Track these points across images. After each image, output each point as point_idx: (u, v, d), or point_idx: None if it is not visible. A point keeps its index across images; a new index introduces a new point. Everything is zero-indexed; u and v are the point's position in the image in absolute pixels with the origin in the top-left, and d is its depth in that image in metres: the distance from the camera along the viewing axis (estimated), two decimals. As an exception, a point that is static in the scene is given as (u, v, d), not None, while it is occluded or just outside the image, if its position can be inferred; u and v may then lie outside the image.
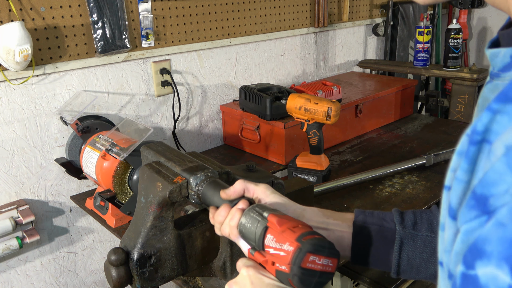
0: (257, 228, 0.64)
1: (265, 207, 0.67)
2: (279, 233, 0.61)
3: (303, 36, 2.25)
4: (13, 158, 1.44)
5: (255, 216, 0.65)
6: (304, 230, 0.61)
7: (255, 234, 0.64)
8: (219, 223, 0.71)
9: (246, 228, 0.66)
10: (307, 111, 1.45)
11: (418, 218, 0.75)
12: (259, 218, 0.65)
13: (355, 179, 1.49)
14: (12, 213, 1.39)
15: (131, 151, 1.22)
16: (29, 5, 1.37)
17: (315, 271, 0.59)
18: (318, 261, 0.59)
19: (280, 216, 0.64)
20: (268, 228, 0.63)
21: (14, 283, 1.53)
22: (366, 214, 0.77)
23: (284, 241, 0.60)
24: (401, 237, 0.73)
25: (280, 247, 0.60)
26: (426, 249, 0.72)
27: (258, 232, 0.64)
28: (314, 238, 0.59)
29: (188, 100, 1.85)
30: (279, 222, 0.62)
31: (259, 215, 0.65)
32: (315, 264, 0.59)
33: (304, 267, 0.58)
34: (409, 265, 0.73)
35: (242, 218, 0.67)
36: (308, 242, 0.58)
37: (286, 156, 1.68)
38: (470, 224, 0.36)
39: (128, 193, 1.30)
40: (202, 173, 0.83)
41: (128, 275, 0.83)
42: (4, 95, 1.39)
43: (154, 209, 0.83)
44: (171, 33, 1.72)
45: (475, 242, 0.35)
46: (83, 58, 1.51)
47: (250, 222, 0.65)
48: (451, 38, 2.12)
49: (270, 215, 0.64)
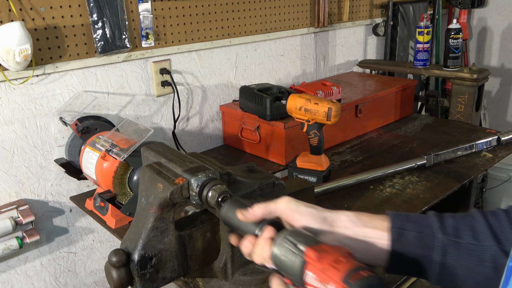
0: (294, 264, 0.58)
1: (297, 234, 0.61)
2: (321, 272, 0.55)
3: (303, 36, 2.24)
4: (13, 158, 1.44)
5: (290, 248, 0.59)
6: (348, 266, 0.54)
7: (292, 269, 0.58)
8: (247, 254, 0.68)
9: (281, 261, 0.60)
10: (307, 112, 1.45)
11: (459, 224, 0.69)
12: (295, 251, 0.59)
13: (356, 180, 1.49)
14: (12, 213, 1.39)
15: (131, 151, 1.21)
16: (29, 5, 1.36)
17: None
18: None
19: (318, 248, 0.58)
20: (307, 264, 0.57)
21: (14, 283, 1.52)
22: (402, 219, 0.71)
23: (327, 281, 0.54)
24: (444, 245, 0.67)
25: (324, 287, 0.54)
26: (472, 258, 0.66)
27: (295, 268, 0.58)
28: (362, 277, 0.53)
29: (188, 100, 1.84)
30: (318, 257, 0.56)
31: (293, 247, 0.59)
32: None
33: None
34: (452, 275, 0.68)
35: (274, 249, 0.62)
36: (357, 284, 0.52)
37: (286, 157, 1.68)
38: None
39: (128, 194, 1.30)
40: (203, 174, 0.82)
41: (129, 276, 0.83)
42: (4, 95, 1.39)
43: (155, 210, 0.83)
44: (171, 33, 1.72)
45: None
46: (83, 58, 1.51)
47: (285, 255, 0.60)
48: (451, 38, 2.12)
49: (307, 248, 0.58)
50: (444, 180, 1.52)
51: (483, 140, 1.75)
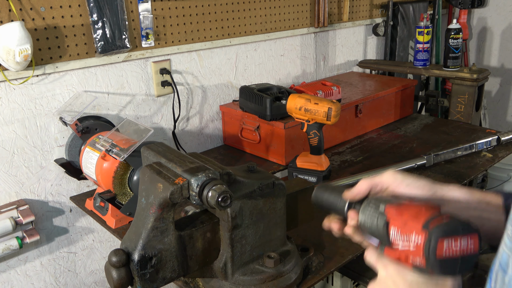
0: (378, 225, 0.60)
1: (380, 199, 0.63)
2: (403, 225, 0.55)
3: (303, 36, 2.24)
4: (13, 158, 1.44)
5: (372, 212, 0.61)
6: (428, 214, 0.54)
7: (377, 231, 0.60)
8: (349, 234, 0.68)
9: (367, 226, 0.62)
10: (307, 112, 1.45)
11: None
12: (376, 213, 0.60)
13: (356, 179, 1.49)
14: (12, 213, 1.39)
15: (131, 151, 1.21)
16: (29, 5, 1.36)
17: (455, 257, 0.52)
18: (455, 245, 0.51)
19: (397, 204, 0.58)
20: (389, 222, 0.58)
21: (14, 283, 1.52)
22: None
23: (410, 231, 0.54)
24: None
25: (407, 239, 0.54)
26: None
27: (380, 228, 0.59)
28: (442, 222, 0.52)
29: (188, 100, 1.84)
30: (398, 211, 0.57)
31: (375, 210, 0.61)
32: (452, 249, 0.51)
33: (441, 257, 0.51)
34: None
35: (360, 217, 0.63)
36: (438, 228, 0.52)
37: (286, 157, 1.68)
38: None
39: (128, 194, 1.30)
40: (203, 174, 0.82)
41: (129, 276, 0.83)
42: (4, 95, 1.39)
43: (155, 210, 0.83)
44: (171, 33, 1.72)
45: None
46: (83, 58, 1.51)
47: (369, 219, 0.61)
48: (451, 38, 2.12)
49: (386, 206, 0.59)
50: (444, 180, 1.52)
51: (483, 140, 1.75)
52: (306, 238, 1.22)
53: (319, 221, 1.30)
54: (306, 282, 1.04)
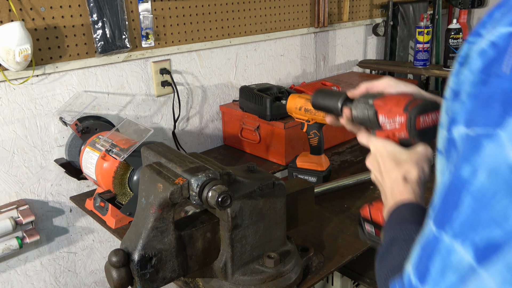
0: (369, 115, 0.76)
1: (367, 95, 0.79)
2: (388, 111, 0.74)
3: (303, 36, 2.24)
4: (13, 158, 1.44)
5: (363, 105, 0.78)
6: (406, 100, 0.72)
7: (368, 120, 0.77)
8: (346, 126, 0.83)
9: (359, 118, 0.79)
10: (307, 112, 1.45)
11: None
12: (367, 106, 0.77)
13: (356, 180, 1.49)
14: (12, 213, 1.39)
15: (131, 151, 1.21)
16: (29, 5, 1.36)
17: (429, 127, 0.71)
18: (428, 119, 0.70)
19: (382, 97, 0.76)
20: (378, 111, 0.75)
21: (14, 283, 1.52)
22: None
23: (394, 115, 0.73)
24: None
25: (393, 121, 0.73)
26: None
27: (371, 117, 0.76)
28: (417, 104, 0.70)
29: (188, 100, 1.84)
30: (383, 102, 0.75)
31: (365, 105, 0.77)
32: (426, 122, 0.70)
33: (419, 128, 0.70)
34: None
35: (353, 111, 0.80)
36: (414, 108, 0.70)
37: (286, 157, 1.68)
38: None
39: (128, 194, 1.30)
40: (203, 174, 0.82)
41: (129, 276, 0.83)
42: (4, 95, 1.39)
43: (155, 210, 0.83)
44: (171, 33, 1.72)
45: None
46: (83, 58, 1.51)
47: (361, 112, 0.78)
48: (451, 38, 2.12)
49: (374, 100, 0.76)
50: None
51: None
52: (306, 238, 1.22)
53: (319, 221, 1.30)
54: (306, 282, 1.04)
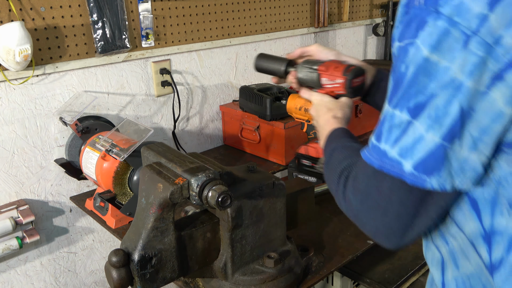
0: (313, 77, 1.01)
1: (310, 61, 1.02)
2: (330, 75, 0.98)
3: (303, 36, 2.24)
4: (13, 158, 1.44)
5: (307, 70, 1.02)
6: (343, 66, 0.98)
7: (313, 81, 1.01)
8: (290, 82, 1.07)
9: (304, 79, 1.03)
10: (307, 112, 1.44)
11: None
12: (312, 70, 1.01)
13: (355, 180, 1.48)
14: (12, 213, 1.39)
15: (131, 151, 1.21)
16: (29, 5, 1.36)
17: (358, 85, 0.98)
18: (358, 79, 0.97)
19: (325, 64, 0.99)
20: (321, 74, 0.99)
21: (14, 283, 1.52)
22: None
23: (335, 78, 0.98)
24: None
25: (333, 82, 0.98)
26: None
27: (315, 79, 1.00)
28: (352, 69, 0.96)
29: (188, 100, 1.84)
30: (325, 67, 0.99)
31: (310, 68, 1.01)
32: (358, 82, 0.98)
33: (353, 87, 0.97)
34: None
35: (298, 74, 1.03)
36: (351, 72, 0.96)
37: (286, 157, 1.68)
38: None
39: (128, 194, 1.30)
40: (203, 174, 0.82)
41: (129, 276, 0.83)
42: (4, 95, 1.39)
43: (155, 210, 0.83)
44: (171, 33, 1.72)
45: None
46: (83, 58, 1.51)
47: (306, 75, 1.02)
48: (451, 38, 2.11)
49: (318, 66, 1.00)
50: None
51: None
52: (306, 238, 1.22)
53: (319, 221, 1.30)
54: (306, 282, 1.04)
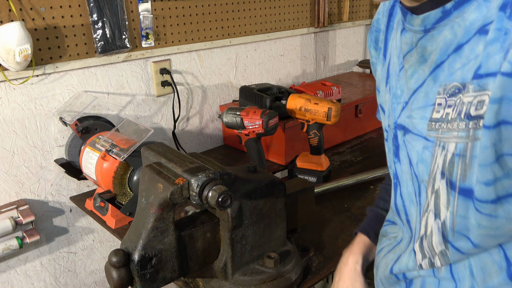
0: (237, 121, 1.38)
1: (233, 108, 1.39)
2: (250, 118, 1.36)
3: (303, 36, 2.24)
4: (13, 158, 1.44)
5: (231, 116, 1.38)
6: (260, 111, 1.35)
7: (236, 124, 1.38)
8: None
9: (229, 123, 1.40)
10: (307, 112, 1.45)
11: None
12: (235, 116, 1.38)
13: (356, 180, 1.49)
14: (12, 213, 1.39)
15: (131, 152, 1.21)
16: (29, 5, 1.36)
17: (273, 125, 1.37)
18: (273, 120, 1.35)
19: (245, 110, 1.36)
20: (243, 118, 1.36)
21: (14, 283, 1.52)
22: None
23: (254, 120, 1.36)
24: None
25: (253, 123, 1.36)
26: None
27: (238, 122, 1.37)
28: (268, 112, 1.34)
29: (188, 100, 1.84)
30: (246, 113, 1.36)
31: (234, 114, 1.38)
32: (272, 123, 1.36)
33: (269, 126, 1.35)
34: None
35: (224, 118, 1.40)
36: (266, 115, 1.34)
37: (286, 157, 1.68)
38: None
39: (128, 194, 1.30)
40: (203, 174, 0.82)
41: (129, 276, 0.83)
42: (4, 95, 1.39)
43: (155, 210, 0.83)
44: (171, 33, 1.72)
45: None
46: (83, 58, 1.51)
47: (231, 120, 1.39)
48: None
49: (240, 112, 1.36)
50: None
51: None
52: (306, 238, 1.22)
53: (319, 221, 1.30)
54: (306, 282, 1.04)
